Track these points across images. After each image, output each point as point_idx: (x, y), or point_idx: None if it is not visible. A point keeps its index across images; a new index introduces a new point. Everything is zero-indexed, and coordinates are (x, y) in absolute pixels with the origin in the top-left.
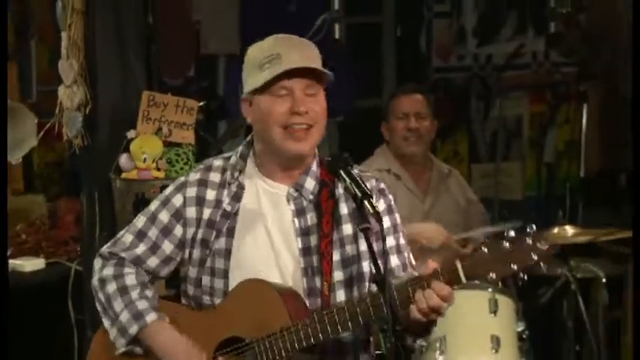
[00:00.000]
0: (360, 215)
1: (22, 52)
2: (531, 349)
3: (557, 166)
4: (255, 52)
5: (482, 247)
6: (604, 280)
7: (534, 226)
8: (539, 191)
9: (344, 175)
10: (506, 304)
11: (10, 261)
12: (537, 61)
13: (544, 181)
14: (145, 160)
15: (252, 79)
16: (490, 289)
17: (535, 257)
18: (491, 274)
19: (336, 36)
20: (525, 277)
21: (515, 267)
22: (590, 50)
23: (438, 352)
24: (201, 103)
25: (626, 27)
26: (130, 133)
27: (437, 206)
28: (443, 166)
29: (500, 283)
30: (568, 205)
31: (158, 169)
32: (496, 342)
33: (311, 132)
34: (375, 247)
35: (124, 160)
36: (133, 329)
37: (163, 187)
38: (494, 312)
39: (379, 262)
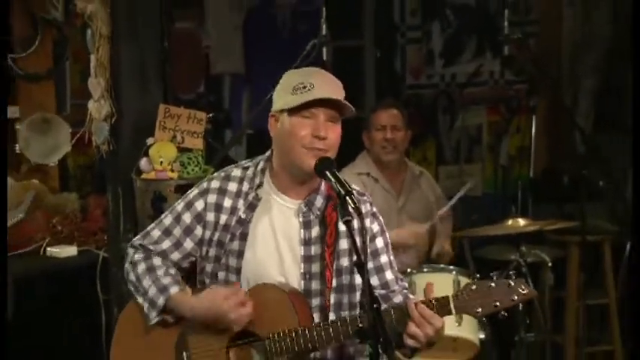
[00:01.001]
0: (342, 210)
1: (58, 71)
2: (488, 322)
3: (511, 168)
4: (292, 77)
5: (472, 286)
6: (550, 264)
7: (513, 273)
8: (495, 189)
9: (329, 176)
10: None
11: (48, 248)
12: (494, 79)
13: (499, 181)
14: (161, 163)
15: (283, 100)
16: (454, 272)
17: (516, 298)
18: (477, 310)
19: (324, 58)
20: (506, 314)
21: (498, 305)
22: (538, 70)
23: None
24: (210, 115)
25: (568, 50)
26: (149, 140)
27: (409, 203)
28: (415, 168)
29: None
30: (519, 200)
31: (172, 171)
32: (459, 316)
33: (326, 155)
34: (370, 264)
35: (143, 163)
36: (161, 301)
37: (177, 186)
38: (450, 314)
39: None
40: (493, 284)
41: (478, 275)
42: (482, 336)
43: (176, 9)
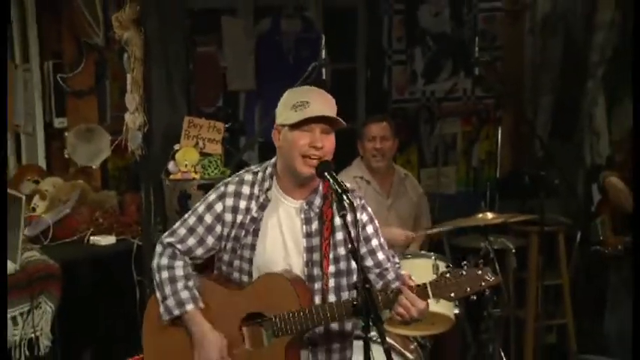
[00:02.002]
0: (339, 206)
1: (99, 88)
2: (462, 300)
3: (481, 169)
4: (292, 96)
5: (446, 274)
6: (513, 250)
7: (482, 262)
8: (467, 188)
9: (328, 176)
10: (443, 267)
11: (91, 238)
12: (466, 95)
13: (471, 181)
14: (186, 165)
15: (284, 116)
16: (433, 257)
17: (483, 284)
18: (451, 295)
19: (323, 77)
20: (475, 297)
21: (468, 290)
22: (503, 88)
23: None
24: (227, 125)
25: (528, 71)
26: (176, 146)
27: (396, 202)
28: (401, 171)
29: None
30: (488, 197)
31: (196, 172)
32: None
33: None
34: (363, 249)
35: (171, 165)
36: (176, 312)
37: (200, 185)
38: (436, 273)
39: (357, 252)
40: (464, 272)
41: (451, 265)
42: (456, 311)
43: (198, 35)
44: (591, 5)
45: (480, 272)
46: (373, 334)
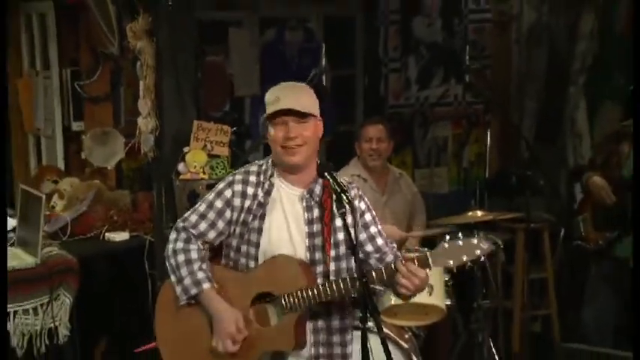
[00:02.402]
0: (338, 203)
1: (114, 95)
2: (454, 292)
3: (470, 170)
4: (268, 94)
5: (444, 243)
6: (501, 245)
7: (478, 232)
8: (459, 187)
9: (328, 176)
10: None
11: (106, 234)
12: (457, 101)
13: (462, 180)
14: (195, 166)
15: (265, 113)
16: (426, 250)
17: (478, 252)
18: (449, 262)
19: (324, 83)
20: (471, 264)
21: (465, 258)
22: (492, 94)
23: (392, 294)
24: (234, 129)
25: (515, 79)
26: (185, 149)
27: (391, 200)
28: (396, 171)
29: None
30: (477, 196)
31: (204, 173)
32: (431, 287)
33: (302, 149)
34: (363, 235)
35: (181, 166)
36: (193, 291)
37: (207, 185)
38: (429, 267)
39: (354, 239)
40: (461, 242)
41: (448, 236)
42: (448, 302)
43: (207, 45)
44: (573, 17)
45: (475, 241)
46: (370, 324)
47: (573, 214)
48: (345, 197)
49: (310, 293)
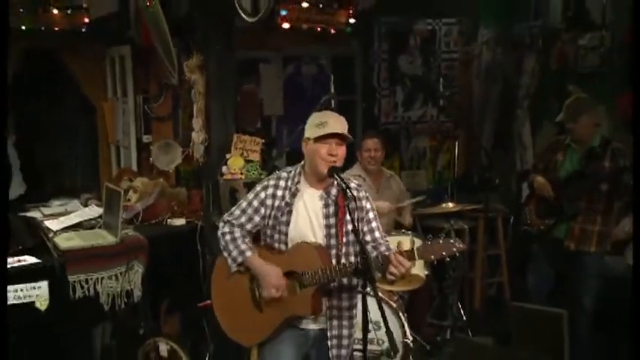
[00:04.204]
0: (345, 197)
1: (174, 115)
2: (429, 265)
3: (443, 172)
4: (315, 117)
5: (428, 242)
6: (467, 229)
7: (454, 235)
8: (434, 185)
9: (336, 176)
10: (419, 242)
11: (168, 220)
12: (433, 120)
13: (437, 180)
14: (234, 169)
15: (310, 132)
16: (410, 234)
17: (454, 249)
18: (431, 257)
19: (332, 106)
20: (448, 259)
21: (444, 253)
22: (460, 114)
23: None
24: (263, 140)
25: (477, 103)
26: (227, 155)
27: (384, 194)
28: (387, 173)
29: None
30: (449, 192)
31: (241, 174)
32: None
33: (336, 164)
34: (365, 227)
35: (224, 169)
36: (240, 259)
37: (244, 183)
38: (415, 260)
39: (359, 230)
40: (441, 241)
41: (431, 235)
42: (426, 272)
43: (243, 77)
44: (519, 57)
45: (452, 241)
46: (368, 289)
47: (521, 206)
48: (349, 192)
49: (323, 272)
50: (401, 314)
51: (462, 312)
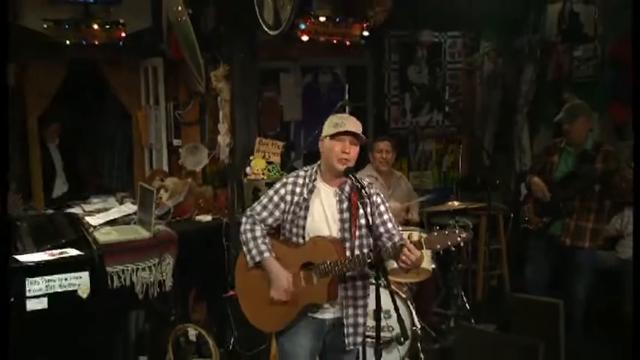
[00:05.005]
0: (359, 196)
1: (202, 120)
2: (436, 259)
3: (448, 173)
4: (334, 118)
5: (434, 233)
6: (471, 226)
7: (458, 225)
8: (440, 185)
9: (351, 176)
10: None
11: (196, 216)
12: (439, 125)
13: (442, 180)
14: (257, 170)
15: (327, 130)
16: (419, 230)
17: (459, 239)
18: (437, 246)
19: (346, 111)
20: (453, 249)
21: (449, 243)
22: (463, 119)
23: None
24: (283, 143)
25: (479, 110)
26: (251, 157)
27: (394, 193)
28: (397, 173)
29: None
30: (454, 191)
31: (263, 174)
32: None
33: (349, 162)
34: (378, 220)
35: (247, 170)
36: (258, 259)
37: (266, 183)
38: (423, 249)
39: (371, 223)
40: (447, 232)
41: (438, 227)
42: (433, 266)
43: (264, 85)
44: (518, 67)
45: (456, 232)
46: (381, 281)
47: (520, 205)
48: (363, 191)
49: (338, 263)
50: (410, 304)
51: (466, 302)
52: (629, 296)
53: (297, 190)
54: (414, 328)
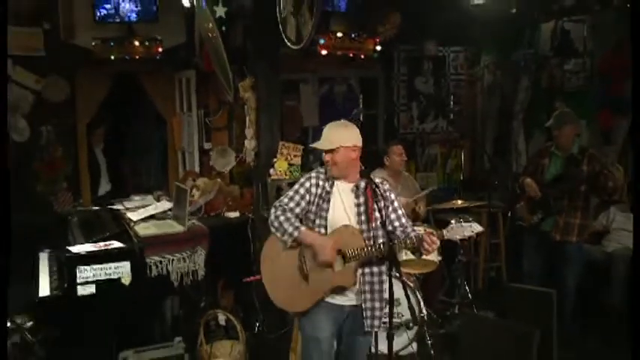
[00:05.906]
0: (374, 194)
1: (230, 126)
2: (442, 252)
3: (452, 174)
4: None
5: (451, 225)
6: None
7: (470, 219)
8: (444, 185)
9: (367, 177)
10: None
11: (225, 213)
12: (443, 131)
13: (447, 181)
14: (280, 171)
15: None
16: (425, 225)
17: (472, 232)
18: (456, 237)
19: (360, 119)
20: (467, 239)
21: (465, 234)
22: (465, 126)
23: (404, 252)
24: (303, 147)
25: (480, 116)
26: (274, 160)
27: (402, 192)
28: (406, 174)
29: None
30: (458, 191)
31: (285, 175)
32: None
33: (334, 167)
34: (393, 215)
35: (271, 171)
36: (295, 234)
37: (288, 183)
38: (443, 238)
39: (384, 217)
40: (463, 224)
41: (460, 219)
42: (439, 258)
43: (286, 95)
44: (515, 79)
45: (471, 225)
46: (393, 272)
47: (515, 203)
48: (379, 191)
49: (364, 250)
50: (417, 292)
51: (468, 291)
52: (614, 285)
53: (321, 183)
54: (422, 314)
